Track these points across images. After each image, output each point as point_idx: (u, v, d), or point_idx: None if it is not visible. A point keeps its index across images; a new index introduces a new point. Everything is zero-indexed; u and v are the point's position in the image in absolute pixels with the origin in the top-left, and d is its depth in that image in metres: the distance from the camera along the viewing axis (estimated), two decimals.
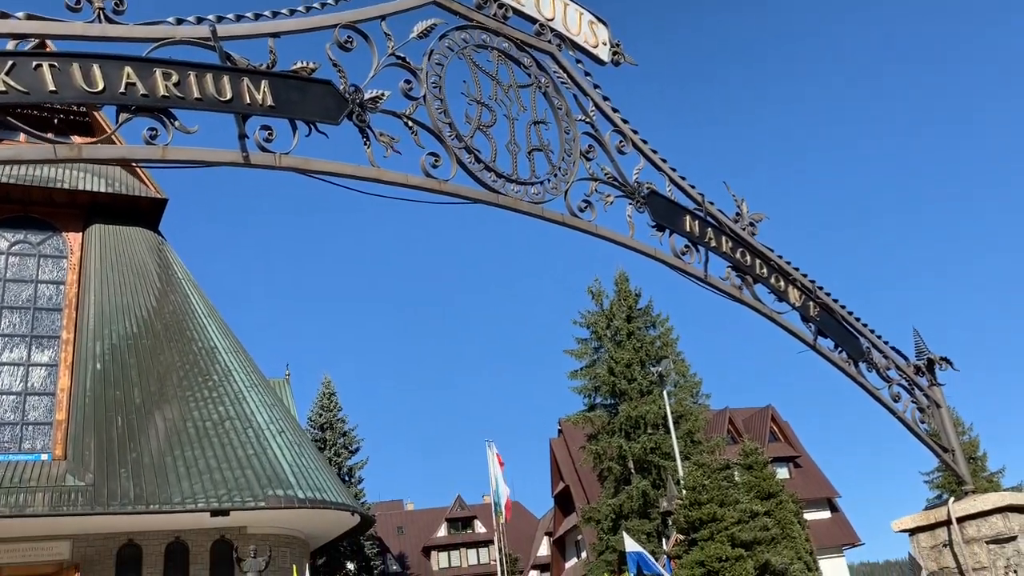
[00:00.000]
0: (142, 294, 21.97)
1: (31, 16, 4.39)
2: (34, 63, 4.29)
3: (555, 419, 51.62)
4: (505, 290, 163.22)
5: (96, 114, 21.70)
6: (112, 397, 19.34)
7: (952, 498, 7.64)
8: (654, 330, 35.11)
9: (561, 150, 6.73)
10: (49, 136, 4.64)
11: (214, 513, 17.68)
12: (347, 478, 42.83)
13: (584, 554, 42.48)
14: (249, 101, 4.93)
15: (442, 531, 64.36)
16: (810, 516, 35.18)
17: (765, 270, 7.78)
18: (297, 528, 20.56)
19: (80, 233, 22.53)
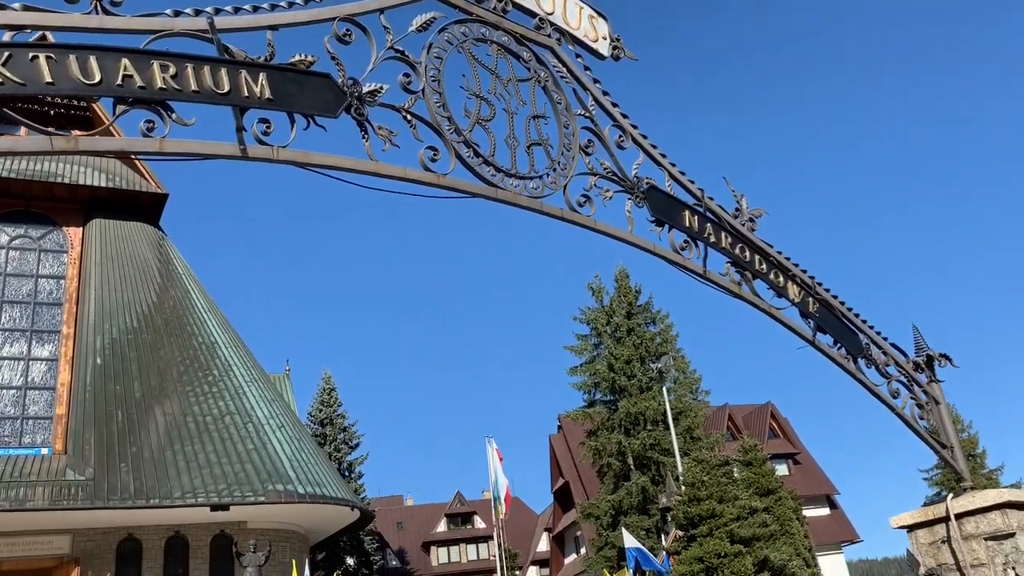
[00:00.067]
0: (142, 289, 21.96)
1: (28, 7, 4.37)
2: (31, 54, 4.28)
3: (555, 415, 51.70)
4: (505, 290, 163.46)
5: (96, 108, 21.66)
6: (112, 392, 19.36)
7: (951, 495, 7.64)
8: (654, 327, 35.04)
9: (560, 144, 6.70)
10: (47, 129, 4.62)
11: (214, 508, 17.71)
12: (347, 473, 42.88)
13: (583, 550, 42.51)
14: (247, 94, 4.91)
15: (442, 526, 64.41)
16: (809, 513, 35.18)
17: (764, 266, 7.76)
18: (297, 523, 20.58)
19: (80, 228, 22.50)
